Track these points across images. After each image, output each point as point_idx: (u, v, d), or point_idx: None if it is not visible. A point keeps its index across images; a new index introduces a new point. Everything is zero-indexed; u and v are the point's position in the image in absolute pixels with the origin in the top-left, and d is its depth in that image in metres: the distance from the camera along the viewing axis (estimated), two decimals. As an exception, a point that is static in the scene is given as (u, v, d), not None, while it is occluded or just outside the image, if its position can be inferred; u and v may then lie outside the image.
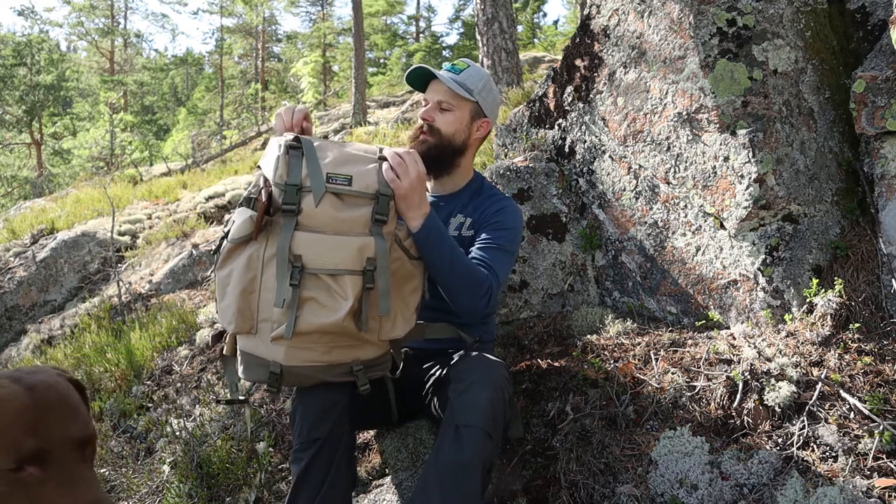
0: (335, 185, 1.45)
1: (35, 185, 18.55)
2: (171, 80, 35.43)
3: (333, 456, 1.53)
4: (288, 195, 1.42)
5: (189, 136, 22.79)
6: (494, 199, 1.87)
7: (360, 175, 1.48)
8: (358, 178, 1.47)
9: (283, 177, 1.43)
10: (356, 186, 1.46)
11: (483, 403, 1.47)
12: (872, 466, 1.47)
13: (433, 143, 1.83)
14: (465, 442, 1.42)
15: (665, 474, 1.59)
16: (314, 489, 1.50)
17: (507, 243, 1.77)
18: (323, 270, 1.42)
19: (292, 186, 1.42)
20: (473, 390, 1.49)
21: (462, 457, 1.41)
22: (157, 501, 2.29)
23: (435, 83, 1.87)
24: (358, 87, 12.85)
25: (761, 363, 1.75)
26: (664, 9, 2.19)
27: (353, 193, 1.46)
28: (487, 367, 1.57)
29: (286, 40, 31.39)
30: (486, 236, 1.77)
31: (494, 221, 1.80)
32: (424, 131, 1.84)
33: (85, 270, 6.04)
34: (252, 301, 1.47)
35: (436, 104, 1.84)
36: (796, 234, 1.99)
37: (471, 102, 1.85)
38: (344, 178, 1.46)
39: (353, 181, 1.46)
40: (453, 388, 1.53)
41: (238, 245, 1.48)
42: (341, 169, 1.47)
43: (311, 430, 1.53)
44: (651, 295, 2.34)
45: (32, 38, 21.60)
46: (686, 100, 2.12)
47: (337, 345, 1.48)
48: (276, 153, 1.46)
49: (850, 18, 2.24)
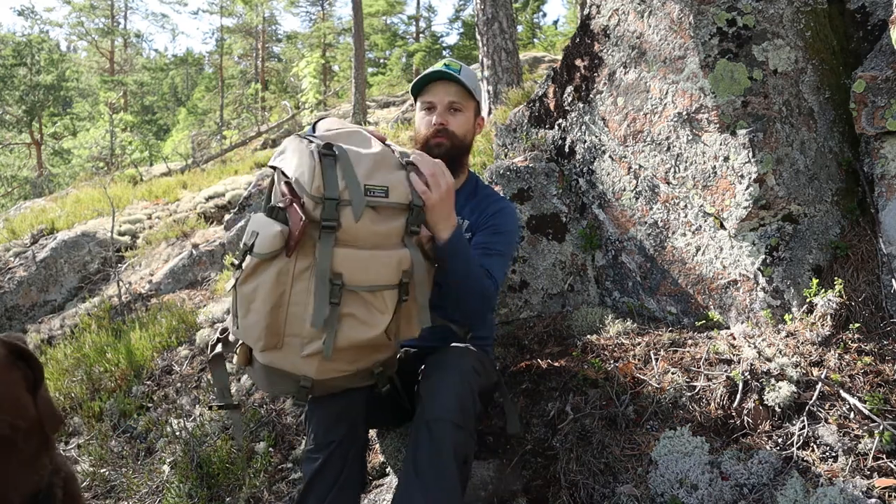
0: (373, 198, 1.37)
1: (35, 185, 18.55)
2: (171, 80, 35.42)
3: (346, 458, 1.53)
4: (327, 210, 1.31)
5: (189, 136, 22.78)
6: (491, 201, 1.87)
7: (395, 186, 1.41)
8: (394, 188, 1.40)
9: (321, 189, 1.31)
10: (393, 198, 1.40)
11: (449, 395, 1.47)
12: (872, 466, 1.47)
13: (449, 146, 1.80)
14: (436, 436, 1.42)
15: (665, 474, 1.59)
16: (325, 489, 1.50)
17: (504, 248, 1.77)
18: (363, 287, 1.37)
19: (331, 201, 1.31)
20: (440, 384, 1.50)
21: (435, 451, 1.41)
22: (157, 501, 2.29)
23: (442, 84, 1.83)
24: (358, 87, 12.86)
25: (761, 363, 1.75)
26: (664, 9, 2.19)
27: (390, 206, 1.40)
28: (454, 359, 1.57)
29: (286, 40, 31.38)
30: (483, 241, 1.76)
31: (491, 225, 1.79)
32: (439, 135, 1.80)
33: (85, 270, 6.04)
34: (280, 315, 1.37)
35: (447, 106, 1.82)
36: (796, 234, 1.99)
37: (474, 101, 1.87)
38: (381, 189, 1.38)
39: (390, 192, 1.39)
40: (422, 384, 1.55)
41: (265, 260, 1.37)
42: (376, 179, 1.39)
43: (328, 433, 1.53)
44: (651, 295, 2.34)
45: (32, 38, 21.59)
46: (686, 100, 2.12)
47: (363, 353, 1.46)
48: (310, 161, 1.34)
49: (850, 18, 2.24)
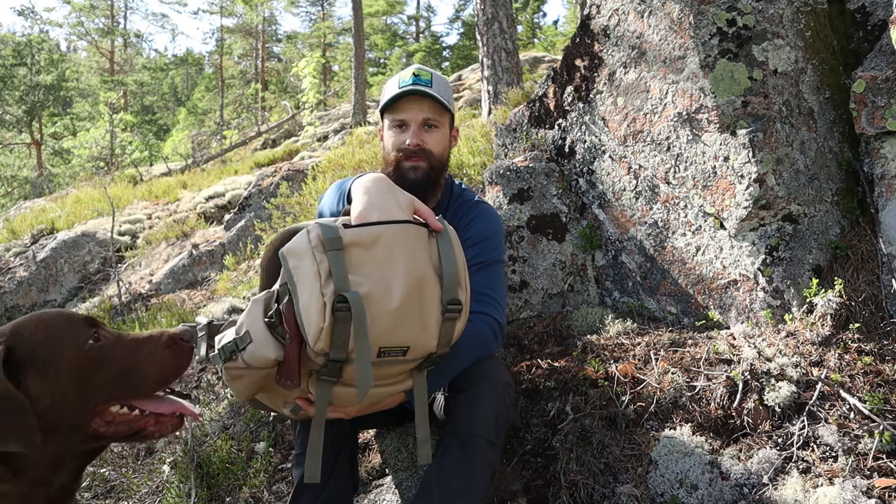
0: (387, 359, 1.20)
1: (35, 185, 18.56)
2: (171, 80, 35.43)
3: (336, 460, 1.53)
4: (329, 369, 1.18)
5: (189, 136, 22.78)
6: (463, 211, 1.76)
7: (418, 343, 1.21)
8: (416, 347, 1.21)
9: (325, 349, 1.14)
10: (412, 355, 1.23)
11: (487, 412, 1.46)
12: (872, 466, 1.47)
13: (426, 168, 1.68)
14: (469, 451, 1.42)
15: (665, 474, 1.59)
16: (316, 493, 1.50)
17: (495, 253, 1.69)
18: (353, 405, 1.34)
19: (335, 362, 1.16)
20: (478, 399, 1.47)
21: (466, 467, 1.41)
22: (157, 501, 2.29)
23: (416, 101, 1.67)
24: (358, 87, 12.86)
25: (761, 363, 1.75)
26: (664, 9, 2.19)
27: (406, 361, 1.24)
28: (491, 374, 1.55)
29: (286, 40, 31.39)
30: (469, 256, 1.61)
31: (469, 237, 1.68)
32: (415, 156, 1.67)
33: (85, 270, 6.04)
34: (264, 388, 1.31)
35: (421, 123, 1.68)
36: (796, 234, 1.99)
37: (449, 114, 1.74)
38: (399, 350, 1.20)
39: (411, 350, 1.21)
40: (455, 395, 1.53)
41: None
42: (398, 337, 1.18)
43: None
44: (651, 295, 2.34)
45: (32, 38, 21.61)
46: (686, 100, 2.12)
47: None
48: (318, 316, 1.13)
49: (850, 18, 2.24)
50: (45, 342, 0.99)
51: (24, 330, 0.99)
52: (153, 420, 1.08)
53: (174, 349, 1.09)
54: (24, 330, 0.99)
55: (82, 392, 0.99)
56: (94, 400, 1.01)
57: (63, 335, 1.00)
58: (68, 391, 0.98)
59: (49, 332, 1.00)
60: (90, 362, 1.01)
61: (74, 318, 1.04)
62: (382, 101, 1.74)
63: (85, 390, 0.99)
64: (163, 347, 1.08)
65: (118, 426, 1.05)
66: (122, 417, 1.05)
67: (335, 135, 12.27)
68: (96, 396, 1.01)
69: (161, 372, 1.08)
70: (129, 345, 1.07)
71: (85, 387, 0.99)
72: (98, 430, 1.02)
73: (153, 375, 1.07)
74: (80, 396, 0.99)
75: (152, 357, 1.07)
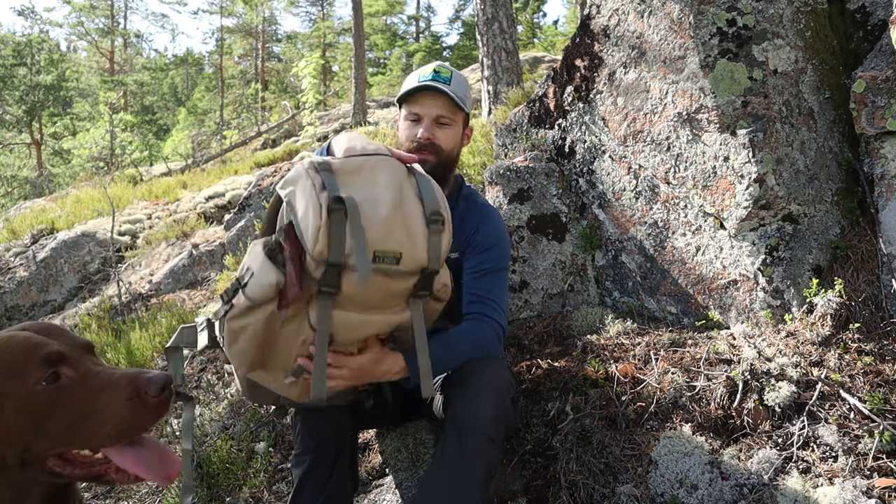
0: (382, 265, 1.26)
1: (35, 185, 18.56)
2: (171, 80, 35.43)
3: (335, 460, 1.53)
4: (329, 277, 1.23)
5: (189, 136, 22.77)
6: (473, 212, 1.79)
7: (410, 250, 1.29)
8: (408, 254, 1.28)
9: (324, 253, 1.21)
10: (405, 266, 1.29)
11: (487, 409, 1.46)
12: (872, 466, 1.47)
13: (435, 162, 1.71)
14: (469, 448, 1.42)
15: (665, 474, 1.59)
16: (316, 493, 1.50)
17: (500, 261, 1.72)
18: (352, 342, 1.37)
19: (333, 267, 1.22)
20: (478, 396, 1.48)
21: (465, 463, 1.41)
22: (157, 501, 2.29)
23: (431, 96, 1.72)
24: (358, 87, 12.86)
25: (761, 363, 1.75)
26: (664, 9, 2.19)
27: (401, 273, 1.30)
28: (492, 371, 1.55)
29: (286, 40, 31.39)
30: (473, 264, 1.69)
31: (478, 243, 1.72)
32: (425, 150, 1.70)
33: (85, 270, 6.04)
34: (266, 350, 1.35)
35: (434, 119, 1.73)
36: (796, 234, 1.99)
37: (463, 113, 1.78)
38: (392, 256, 1.26)
39: (403, 259, 1.28)
40: (456, 392, 1.53)
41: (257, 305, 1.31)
42: (390, 242, 1.26)
43: (313, 435, 1.53)
44: (651, 295, 2.34)
45: (32, 38, 21.61)
46: (686, 100, 2.12)
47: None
48: (315, 217, 1.22)
49: (850, 18, 2.24)
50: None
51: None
52: (114, 467, 0.96)
53: (135, 403, 0.92)
54: None
55: (28, 433, 0.91)
56: (45, 443, 0.92)
57: (15, 369, 0.91)
58: (13, 430, 0.90)
59: (3, 363, 0.91)
60: (38, 405, 0.91)
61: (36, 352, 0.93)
62: (401, 91, 1.80)
63: (31, 432, 0.91)
64: (124, 398, 0.92)
65: (77, 468, 0.95)
66: (84, 459, 0.95)
67: (335, 135, 12.26)
68: (46, 439, 0.92)
69: (116, 427, 0.93)
70: (88, 390, 0.93)
71: (31, 429, 0.91)
72: (55, 468, 0.93)
73: (106, 430, 0.92)
74: (26, 437, 0.91)
75: (108, 409, 0.92)
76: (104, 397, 0.93)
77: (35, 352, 0.93)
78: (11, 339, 0.95)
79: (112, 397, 0.93)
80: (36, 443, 0.91)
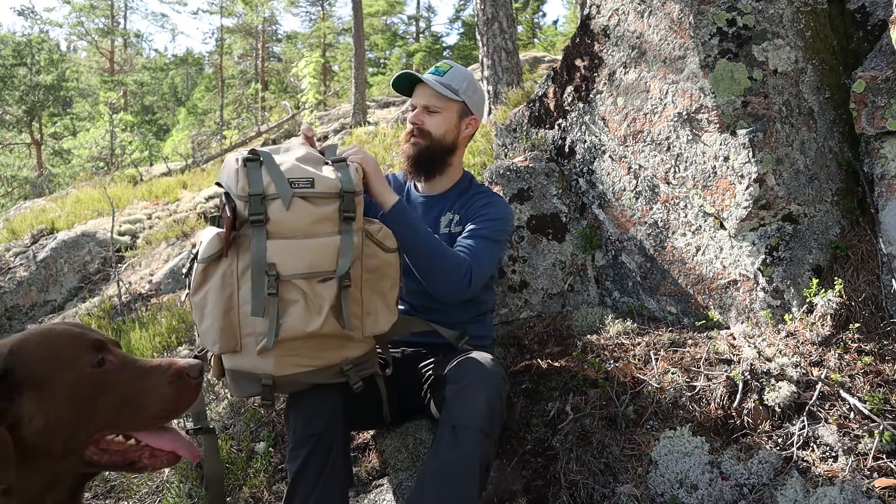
0: (299, 189, 1.45)
1: (35, 185, 18.55)
2: (171, 80, 35.43)
3: (329, 453, 1.53)
4: (253, 206, 1.41)
5: (189, 136, 22.76)
6: (482, 195, 1.91)
7: (320, 177, 1.49)
8: (319, 180, 1.48)
9: (245, 188, 1.42)
10: (319, 188, 1.47)
11: (480, 403, 1.47)
12: (872, 466, 1.47)
13: (424, 145, 1.88)
14: (463, 442, 1.43)
15: (665, 474, 1.59)
16: (310, 487, 1.50)
17: (491, 233, 1.79)
18: (297, 275, 1.43)
19: (256, 196, 1.41)
20: (470, 390, 1.50)
21: (460, 457, 1.42)
22: (157, 501, 2.29)
23: (421, 87, 1.90)
24: (358, 87, 12.86)
25: (761, 363, 1.75)
26: (664, 9, 2.19)
27: (319, 195, 1.47)
28: (484, 367, 1.58)
29: (286, 40, 31.38)
30: (470, 227, 1.81)
31: (481, 214, 1.83)
32: (415, 135, 1.88)
33: (85, 270, 6.04)
34: (233, 318, 1.46)
35: (423, 108, 1.88)
36: (796, 234, 1.99)
37: (457, 102, 1.89)
38: (306, 180, 1.46)
39: (316, 183, 1.47)
40: (450, 388, 1.54)
41: (210, 264, 1.47)
42: (300, 173, 1.48)
43: (306, 427, 1.54)
44: (651, 295, 2.34)
45: (32, 38, 21.60)
46: (686, 100, 2.12)
47: (324, 347, 1.51)
48: (234, 166, 1.46)
49: (850, 18, 2.24)
50: (45, 361, 0.95)
51: (26, 347, 0.96)
52: (148, 453, 1.02)
53: (179, 384, 1.02)
54: (25, 347, 0.96)
55: (78, 418, 0.95)
56: (91, 427, 0.96)
57: (65, 356, 0.96)
58: (63, 415, 0.93)
59: (51, 352, 0.96)
60: (89, 388, 0.96)
61: (81, 339, 0.99)
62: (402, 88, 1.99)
63: (81, 416, 0.95)
64: (167, 381, 1.01)
65: (112, 455, 1.00)
66: (118, 446, 1.01)
67: (335, 135, 12.27)
68: (93, 424, 0.96)
69: (162, 407, 1.01)
70: (133, 373, 1.01)
71: (81, 413, 0.95)
72: (92, 457, 0.98)
73: (153, 409, 1.01)
74: (75, 422, 0.95)
75: (155, 390, 1.01)
76: (150, 380, 1.01)
77: (80, 339, 0.99)
78: (52, 330, 1.00)
79: (157, 380, 1.01)
80: (83, 428, 0.96)
